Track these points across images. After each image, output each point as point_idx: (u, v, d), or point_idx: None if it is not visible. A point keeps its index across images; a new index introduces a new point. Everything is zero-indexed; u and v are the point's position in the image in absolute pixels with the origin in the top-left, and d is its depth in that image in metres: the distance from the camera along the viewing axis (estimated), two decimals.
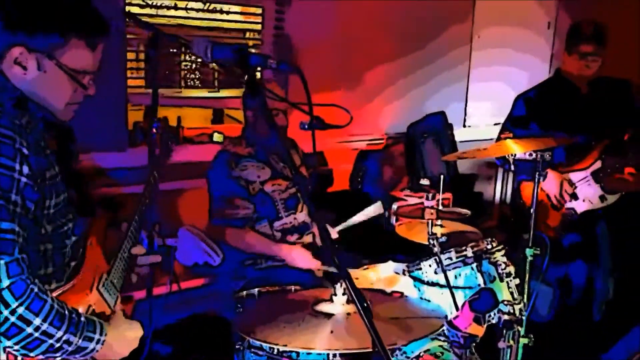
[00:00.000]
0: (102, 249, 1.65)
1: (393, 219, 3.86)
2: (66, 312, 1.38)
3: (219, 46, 1.19)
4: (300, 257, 2.60)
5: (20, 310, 1.30)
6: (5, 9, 1.41)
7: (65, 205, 1.53)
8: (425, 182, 4.20)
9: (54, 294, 1.46)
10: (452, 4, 4.70)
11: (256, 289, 2.40)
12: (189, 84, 4.04)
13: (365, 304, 1.17)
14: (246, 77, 1.15)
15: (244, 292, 2.39)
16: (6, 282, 1.29)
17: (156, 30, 2.02)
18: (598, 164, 3.17)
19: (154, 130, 1.97)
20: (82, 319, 1.42)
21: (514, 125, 3.28)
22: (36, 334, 1.32)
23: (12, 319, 1.29)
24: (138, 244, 1.78)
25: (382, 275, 2.65)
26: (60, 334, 1.36)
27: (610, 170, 3.14)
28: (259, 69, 1.19)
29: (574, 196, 3.19)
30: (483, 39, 5.04)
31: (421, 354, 2.22)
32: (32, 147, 1.39)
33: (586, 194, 3.19)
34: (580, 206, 3.21)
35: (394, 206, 3.85)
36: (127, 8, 3.28)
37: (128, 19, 2.82)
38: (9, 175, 1.32)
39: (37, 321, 1.32)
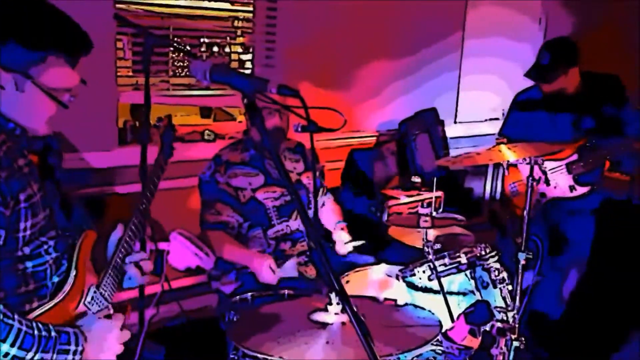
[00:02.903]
0: (92, 261, 1.62)
1: (385, 216, 3.87)
2: (35, 332, 1.36)
3: (218, 69, 1.17)
4: (263, 273, 2.52)
5: None
6: None
7: (47, 222, 1.50)
8: (416, 179, 4.21)
9: (36, 312, 1.44)
10: (444, 4, 4.69)
11: (249, 294, 2.40)
12: (177, 73, 3.99)
13: (365, 330, 1.15)
14: (245, 100, 1.13)
15: (237, 297, 2.38)
16: None
17: (147, 32, 2.00)
18: (574, 157, 3.36)
19: (156, 128, 1.94)
20: (53, 334, 1.39)
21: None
22: None
23: None
24: (133, 252, 1.74)
25: (375, 278, 2.65)
26: (30, 355, 1.35)
27: (584, 164, 3.33)
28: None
29: (547, 182, 3.37)
30: (474, 37, 5.03)
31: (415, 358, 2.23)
32: (4, 169, 1.36)
33: (557, 182, 3.38)
34: (550, 192, 3.40)
35: (386, 204, 3.85)
36: None
37: (118, 23, 2.77)
38: None
39: (4, 347, 1.31)
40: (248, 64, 3.98)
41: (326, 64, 4.01)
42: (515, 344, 2.27)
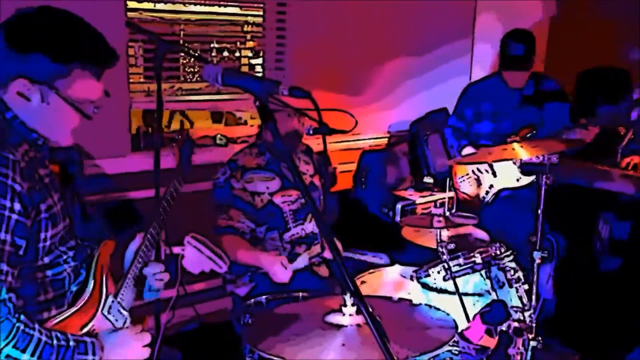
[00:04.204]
0: (110, 270, 1.63)
1: (397, 217, 3.86)
2: (54, 341, 1.37)
3: (230, 73, 1.17)
4: (276, 271, 2.52)
5: (7, 349, 1.31)
6: (10, 38, 1.39)
7: (66, 232, 1.51)
8: (429, 180, 4.20)
9: (54, 321, 1.45)
10: (454, 7, 4.68)
11: (264, 297, 2.40)
12: (188, 79, 4.02)
13: (381, 330, 1.15)
14: (257, 103, 1.13)
15: (252, 300, 2.39)
16: None
17: (159, 39, 2.01)
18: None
19: (174, 145, 1.94)
20: (72, 343, 1.41)
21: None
22: None
23: (0, 358, 1.30)
24: (151, 263, 1.74)
25: (389, 279, 2.65)
26: None
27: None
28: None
29: (494, 173, 3.50)
30: (484, 34, 5.01)
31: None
32: (26, 180, 1.37)
33: (504, 173, 3.46)
34: (497, 183, 3.52)
35: (398, 205, 3.84)
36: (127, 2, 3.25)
37: (130, 30, 2.80)
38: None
39: (25, 357, 1.33)
40: (258, 68, 4.00)
41: (336, 67, 4.01)
42: (533, 343, 2.26)
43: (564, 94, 3.62)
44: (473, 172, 3.53)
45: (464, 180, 3.56)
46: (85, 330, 1.50)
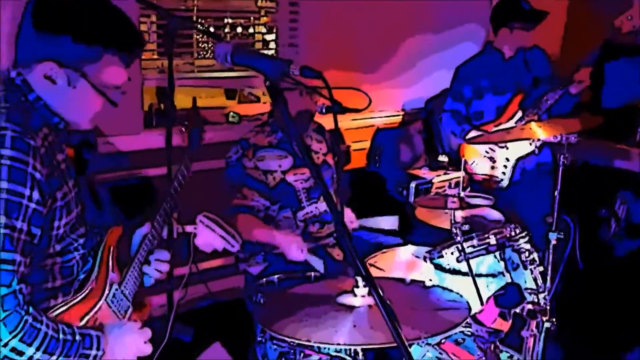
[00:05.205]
0: (116, 258, 1.61)
1: (411, 196, 3.83)
2: (60, 335, 1.36)
3: (240, 52, 1.14)
4: (291, 250, 2.52)
5: (14, 342, 1.28)
6: (39, 17, 1.36)
7: (77, 220, 1.49)
8: (443, 158, 4.15)
9: (61, 309, 1.44)
10: None
11: (275, 276, 2.40)
12: (201, 55, 3.98)
13: (392, 315, 1.13)
14: (267, 83, 1.10)
15: (264, 280, 2.39)
16: (1, 316, 1.27)
17: (170, 15, 1.97)
18: (519, 114, 3.36)
19: (183, 126, 1.92)
20: (78, 337, 1.39)
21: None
22: None
23: (5, 351, 1.28)
24: (157, 250, 1.72)
25: (402, 259, 2.63)
26: (53, 359, 1.34)
27: (529, 116, 3.31)
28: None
29: (506, 147, 3.39)
30: None
31: (442, 341, 2.21)
32: (45, 167, 1.34)
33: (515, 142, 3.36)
34: (512, 154, 3.39)
35: (412, 184, 3.81)
36: None
37: (141, 5, 2.76)
38: (17, 202, 1.29)
39: (30, 351, 1.30)
40: (272, 45, 3.95)
41: (350, 43, 3.95)
42: (547, 325, 2.24)
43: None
44: (486, 152, 3.46)
45: (476, 163, 3.49)
46: (87, 318, 1.49)
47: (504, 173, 3.41)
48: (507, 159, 3.40)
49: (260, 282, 2.39)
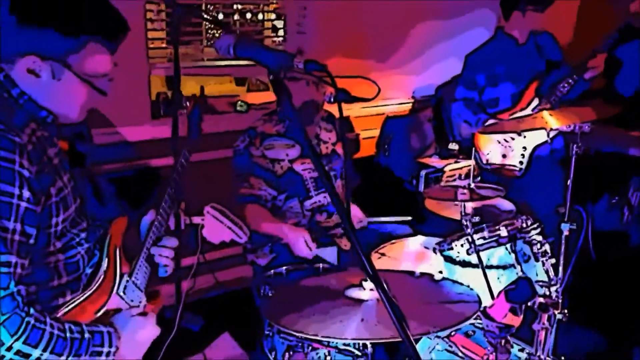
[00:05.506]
0: (123, 249, 1.59)
1: (421, 185, 3.79)
2: (67, 334, 1.32)
3: (242, 44, 1.11)
4: (299, 246, 2.49)
5: (17, 345, 1.25)
6: (18, 10, 1.32)
7: (77, 214, 1.46)
8: (453, 146, 4.09)
9: (70, 306, 1.42)
10: None
11: (284, 268, 2.38)
12: (210, 43, 3.94)
13: (399, 314, 1.11)
14: (271, 77, 1.07)
15: (272, 271, 2.37)
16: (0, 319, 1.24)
17: (174, 3, 1.95)
18: (536, 101, 3.31)
19: (184, 109, 1.89)
20: (87, 335, 1.36)
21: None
22: None
23: (10, 355, 1.25)
24: (165, 237, 1.70)
25: (411, 249, 2.61)
26: (63, 359, 1.31)
27: (545, 103, 3.26)
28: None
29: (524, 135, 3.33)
30: None
31: (452, 333, 2.19)
32: (34, 164, 1.31)
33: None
34: (529, 143, 3.33)
35: (422, 173, 3.77)
36: None
37: None
38: (7, 202, 1.25)
39: (36, 353, 1.27)
40: (281, 32, 3.91)
41: (360, 30, 3.90)
42: (559, 316, 2.20)
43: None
44: (500, 141, 3.38)
45: (492, 153, 3.42)
46: (101, 312, 1.47)
47: (521, 162, 3.34)
48: (524, 148, 3.34)
49: (268, 274, 2.37)
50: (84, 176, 1.56)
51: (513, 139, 3.35)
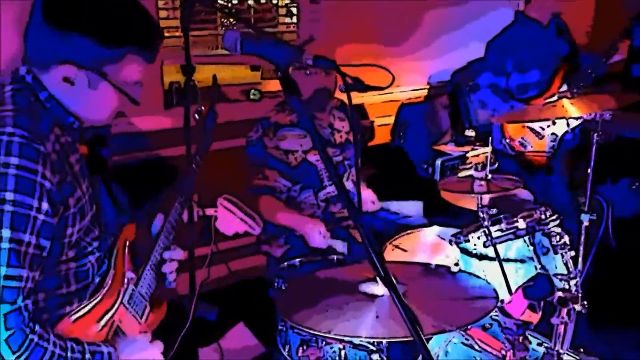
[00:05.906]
0: (131, 257, 1.56)
1: (437, 174, 3.74)
2: (68, 354, 1.29)
3: (249, 40, 1.07)
4: (314, 237, 2.47)
5: None
6: (51, 15, 1.28)
7: (92, 222, 1.43)
8: (470, 133, 4.03)
9: (75, 316, 1.39)
10: None
11: (297, 260, 2.36)
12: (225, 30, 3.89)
13: (411, 315, 1.07)
14: (279, 73, 1.04)
15: (286, 263, 2.35)
16: (4, 335, 1.21)
17: None
18: (564, 87, 3.19)
19: (196, 116, 1.86)
20: (88, 355, 1.32)
21: None
22: None
23: None
24: (173, 248, 1.66)
25: (427, 240, 2.57)
26: None
27: (575, 86, 3.09)
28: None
29: (553, 122, 3.25)
30: None
31: (469, 326, 2.15)
32: (56, 173, 1.27)
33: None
34: (559, 129, 3.26)
35: (438, 161, 3.72)
36: None
37: None
38: (24, 214, 1.22)
39: None
40: (294, 19, 3.86)
41: (373, 15, 3.83)
42: (578, 308, 2.15)
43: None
44: (534, 129, 3.29)
45: (524, 140, 3.34)
46: (104, 320, 1.44)
47: (553, 148, 3.27)
48: (554, 134, 3.27)
49: (282, 266, 2.35)
50: (100, 182, 1.53)
51: (549, 126, 3.26)
